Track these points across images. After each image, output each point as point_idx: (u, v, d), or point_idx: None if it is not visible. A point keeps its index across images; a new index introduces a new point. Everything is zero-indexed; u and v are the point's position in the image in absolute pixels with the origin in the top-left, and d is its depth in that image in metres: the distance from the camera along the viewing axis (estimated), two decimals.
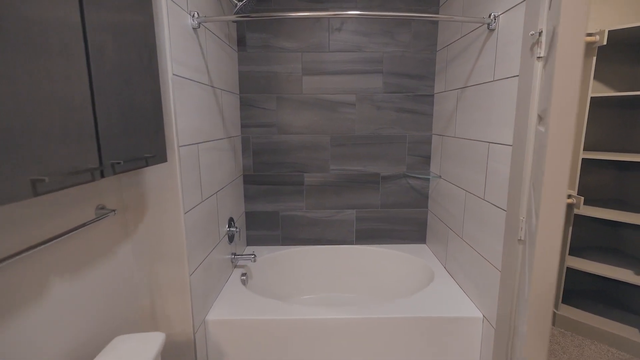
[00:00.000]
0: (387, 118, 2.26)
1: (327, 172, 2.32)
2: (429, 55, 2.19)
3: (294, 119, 2.26)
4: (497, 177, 1.39)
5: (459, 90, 1.79)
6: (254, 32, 2.18)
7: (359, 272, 2.34)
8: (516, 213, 1.22)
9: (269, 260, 2.25)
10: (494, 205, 1.41)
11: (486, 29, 1.48)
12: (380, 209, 2.37)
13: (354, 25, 2.17)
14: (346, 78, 2.22)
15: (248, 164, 2.32)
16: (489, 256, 1.47)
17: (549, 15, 0.98)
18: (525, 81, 1.17)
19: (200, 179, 1.54)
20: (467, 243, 1.69)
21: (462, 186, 1.75)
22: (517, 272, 1.22)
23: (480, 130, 1.55)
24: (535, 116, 1.12)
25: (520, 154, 1.18)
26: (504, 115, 1.33)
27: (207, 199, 1.63)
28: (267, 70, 2.22)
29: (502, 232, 1.34)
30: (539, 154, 0.57)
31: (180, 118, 1.34)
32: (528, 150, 1.14)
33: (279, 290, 2.26)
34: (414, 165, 2.32)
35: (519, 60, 1.23)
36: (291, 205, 2.37)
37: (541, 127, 0.95)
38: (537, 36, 1.09)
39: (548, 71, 0.58)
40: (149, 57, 1.10)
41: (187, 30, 1.41)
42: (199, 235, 1.52)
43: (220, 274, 1.81)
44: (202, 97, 1.57)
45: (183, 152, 1.35)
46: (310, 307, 1.63)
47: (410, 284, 2.15)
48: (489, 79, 1.46)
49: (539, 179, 0.60)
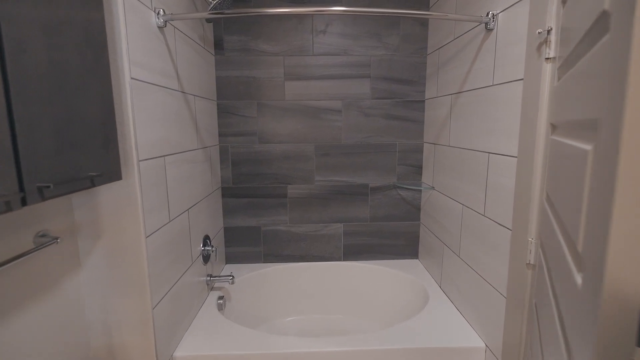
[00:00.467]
0: (375, 125, 2.12)
1: (312, 183, 2.17)
2: (419, 58, 2.06)
3: (276, 127, 2.10)
4: (499, 192, 1.25)
5: (453, 95, 1.66)
6: (232, 34, 2.02)
7: (347, 291, 2.18)
8: (523, 233, 1.08)
9: (249, 281, 2.07)
10: (497, 222, 1.27)
11: (483, 29, 1.35)
12: (369, 223, 2.21)
13: (339, 27, 2.03)
14: (331, 83, 2.08)
15: (226, 176, 2.14)
16: (492, 280, 1.32)
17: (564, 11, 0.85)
18: (531, 85, 1.03)
19: (168, 195, 1.37)
20: (465, 262, 1.55)
21: (459, 199, 1.60)
22: (527, 300, 1.07)
23: (478, 139, 1.41)
24: (545, 124, 0.98)
25: (528, 167, 1.04)
26: (507, 123, 1.19)
27: (177, 218, 1.45)
28: (247, 75, 2.06)
29: (507, 253, 1.19)
30: (601, 163, 0.44)
31: (141, 128, 1.17)
32: (537, 162, 1.01)
33: (260, 312, 2.08)
34: (404, 175, 2.17)
35: (523, 62, 1.09)
36: (274, 219, 2.20)
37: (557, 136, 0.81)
38: (546, 35, 0.96)
39: (615, 58, 0.44)
40: (97, 58, 0.93)
41: (150, 29, 1.25)
42: (166, 260, 1.34)
43: (192, 299, 1.63)
44: (170, 104, 1.40)
45: (145, 167, 1.18)
46: (293, 339, 1.46)
47: (403, 305, 1.99)
48: (488, 84, 1.32)
49: (602, 199, 0.46)
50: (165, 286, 1.34)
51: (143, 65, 1.18)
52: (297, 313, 2.16)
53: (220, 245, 2.11)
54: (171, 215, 1.40)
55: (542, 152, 1.00)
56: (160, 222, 1.30)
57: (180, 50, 1.52)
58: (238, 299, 1.99)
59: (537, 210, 1.02)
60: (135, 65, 1.13)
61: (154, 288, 1.24)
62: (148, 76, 1.22)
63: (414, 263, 2.19)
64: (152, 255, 1.23)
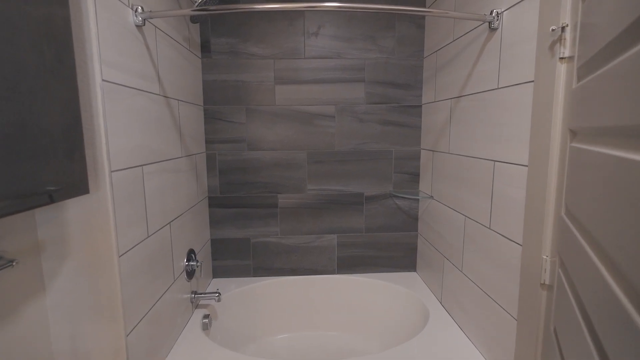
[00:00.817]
0: (370, 131, 2.03)
1: (304, 192, 2.06)
2: (416, 62, 1.97)
3: (266, 134, 2.00)
4: (507, 203, 1.15)
5: (453, 100, 1.57)
6: (219, 36, 1.91)
7: (342, 306, 2.07)
8: (536, 250, 0.98)
9: (237, 296, 1.95)
10: (505, 237, 1.17)
11: (486, 29, 1.26)
12: (364, 233, 2.11)
13: (332, 29, 1.94)
14: (324, 87, 1.98)
15: (214, 185, 2.03)
16: (500, 299, 1.22)
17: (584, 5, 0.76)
18: (543, 88, 0.94)
19: (146, 209, 1.25)
20: (469, 278, 1.45)
21: (461, 210, 1.51)
22: (542, 324, 0.97)
23: (482, 146, 1.31)
24: (560, 130, 0.89)
25: (541, 177, 0.95)
26: (515, 129, 1.10)
27: (157, 232, 1.33)
28: (235, 79, 1.95)
29: (517, 271, 1.10)
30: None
31: (115, 135, 1.05)
32: (551, 172, 0.91)
33: (249, 330, 1.96)
34: (401, 183, 2.08)
35: (532, 63, 1.00)
36: (264, 230, 2.08)
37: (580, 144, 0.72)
38: (560, 32, 0.87)
39: None
40: (59, 58, 0.82)
41: (127, 28, 1.14)
42: (144, 280, 1.22)
43: (175, 319, 1.51)
44: (150, 108, 1.29)
45: (118, 178, 1.07)
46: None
47: (401, 323, 1.88)
48: (492, 87, 1.23)
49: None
50: (143, 309, 1.22)
51: (118, 66, 1.07)
52: (288, 330, 2.04)
53: (206, 259, 1.99)
54: (150, 229, 1.28)
55: (557, 160, 0.91)
56: (137, 238, 1.18)
57: (162, 52, 1.41)
58: (225, 317, 1.87)
59: (553, 224, 0.93)
60: (108, 66, 1.02)
61: (128, 312, 1.12)
62: (123, 78, 1.11)
63: (411, 276, 2.09)
64: (127, 275, 1.11)
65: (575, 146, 0.75)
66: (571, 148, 0.78)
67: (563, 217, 0.82)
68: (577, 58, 0.77)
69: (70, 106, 0.86)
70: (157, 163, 1.34)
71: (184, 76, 1.66)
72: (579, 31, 0.77)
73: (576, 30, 0.80)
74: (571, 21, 0.85)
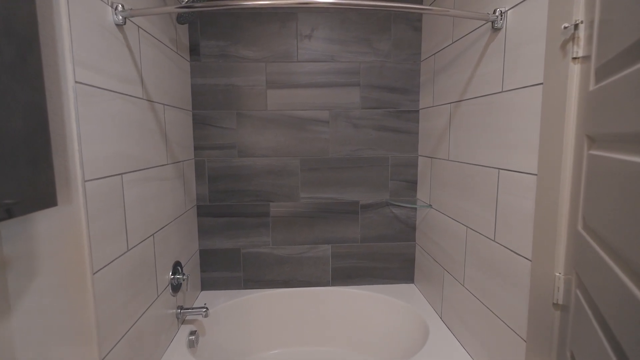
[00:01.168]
0: (365, 137, 1.95)
1: (297, 200, 1.98)
2: (412, 65, 1.91)
3: (258, 140, 1.92)
4: (514, 215, 1.08)
5: (452, 104, 1.50)
6: (209, 39, 1.84)
7: (337, 320, 1.98)
8: (548, 266, 0.91)
9: (226, 310, 1.86)
10: (512, 251, 1.09)
11: (489, 30, 1.20)
12: (359, 244, 2.03)
13: (325, 31, 1.87)
14: (318, 92, 1.91)
15: (203, 193, 1.94)
16: (507, 318, 1.13)
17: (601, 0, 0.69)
18: (554, 90, 0.87)
19: (126, 220, 1.16)
20: (471, 293, 1.37)
21: (462, 220, 1.43)
22: (555, 346, 0.90)
23: (485, 152, 1.24)
24: (574, 136, 0.82)
25: (553, 187, 0.88)
26: (522, 134, 1.03)
27: (138, 245, 1.24)
28: (226, 83, 1.88)
29: (526, 289, 1.02)
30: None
31: (90, 142, 0.97)
32: (564, 181, 0.84)
33: (239, 346, 1.86)
34: (398, 191, 2.00)
35: (541, 64, 0.94)
36: (255, 240, 1.99)
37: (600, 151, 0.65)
38: (573, 30, 0.81)
39: None
40: (22, 56, 0.74)
41: (105, 27, 1.06)
42: (123, 297, 1.13)
43: (158, 338, 1.41)
44: (131, 113, 1.21)
45: (93, 188, 0.98)
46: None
47: (399, 338, 1.79)
48: (496, 90, 1.16)
49: None
50: (121, 329, 1.12)
51: (94, 67, 0.99)
52: (280, 345, 1.95)
53: (194, 271, 1.90)
54: (130, 243, 1.19)
55: (570, 169, 0.83)
56: (115, 252, 1.09)
57: (146, 53, 1.33)
58: (214, 332, 1.77)
59: (567, 239, 0.85)
60: (82, 67, 0.94)
61: (104, 333, 1.02)
62: (100, 80, 1.02)
63: (409, 288, 2.01)
64: (103, 294, 1.02)
65: (594, 154, 0.68)
66: (589, 156, 0.71)
67: (580, 232, 0.74)
68: (595, 58, 0.70)
69: (35, 110, 0.77)
70: (139, 171, 1.26)
71: (171, 79, 1.58)
72: (596, 28, 0.70)
73: (592, 28, 0.73)
74: (586, 18, 0.79)
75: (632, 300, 0.50)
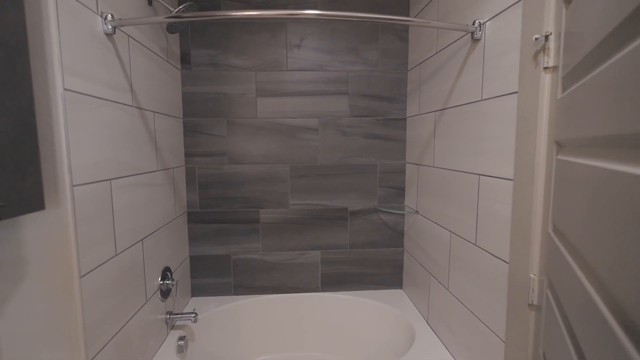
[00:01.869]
0: (354, 145, 1.99)
1: (287, 207, 2.00)
2: (400, 75, 1.95)
3: (248, 147, 1.94)
4: (493, 219, 1.11)
5: (437, 112, 1.54)
6: (199, 47, 1.87)
7: (326, 326, 1.99)
8: (524, 268, 0.94)
9: (216, 316, 1.86)
10: (491, 254, 1.13)
11: (469, 40, 1.24)
12: (349, 250, 2.05)
13: (314, 41, 1.91)
14: (307, 100, 1.94)
15: (193, 200, 1.96)
16: (487, 320, 1.16)
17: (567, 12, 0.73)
18: (528, 99, 0.91)
19: (114, 225, 1.18)
20: (455, 297, 1.39)
21: (446, 226, 1.46)
22: (531, 347, 0.92)
23: (466, 159, 1.28)
24: (546, 142, 0.85)
25: (527, 191, 0.91)
26: (500, 141, 1.07)
27: (127, 250, 1.26)
28: (216, 91, 1.91)
29: (504, 291, 1.05)
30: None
31: (79, 148, 0.99)
32: (537, 186, 0.88)
33: (229, 353, 1.86)
34: (386, 198, 2.03)
35: (516, 73, 0.98)
36: (245, 247, 2.01)
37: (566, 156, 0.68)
38: (543, 41, 0.85)
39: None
40: (12, 65, 0.76)
41: (95, 36, 1.08)
42: (111, 301, 1.14)
43: (146, 343, 1.42)
44: (120, 120, 1.23)
45: (82, 193, 1.00)
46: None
47: (387, 343, 1.81)
48: (476, 98, 1.21)
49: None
50: (109, 332, 1.13)
51: (83, 75, 1.02)
52: (270, 351, 1.95)
53: (185, 277, 1.90)
54: (119, 247, 1.20)
55: (543, 174, 0.87)
56: (103, 256, 1.10)
57: (136, 62, 1.36)
58: (203, 338, 1.77)
59: (540, 241, 0.88)
60: (71, 75, 0.96)
61: (91, 335, 1.03)
62: (90, 88, 1.05)
63: (398, 293, 2.03)
64: (91, 297, 1.03)
65: (561, 159, 0.72)
66: (557, 161, 0.75)
67: (550, 234, 0.77)
68: (561, 67, 0.74)
69: (23, 115, 0.79)
70: (128, 177, 1.28)
71: (161, 87, 1.61)
72: (562, 39, 0.74)
73: (560, 39, 0.77)
74: (555, 30, 0.83)
75: (591, 303, 0.53)
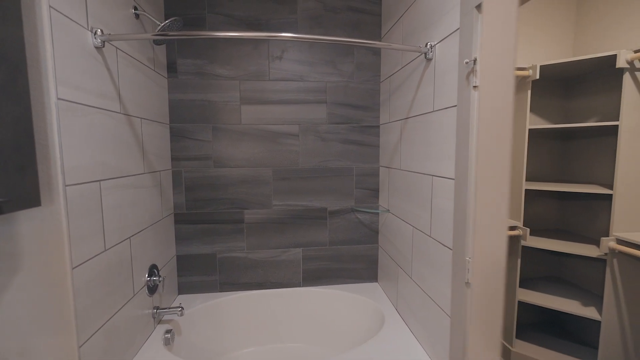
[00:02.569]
0: (332, 150, 2.12)
1: (270, 208, 2.12)
2: (373, 85, 2.10)
3: (232, 151, 2.06)
4: (442, 213, 1.26)
5: (402, 121, 1.69)
6: (186, 57, 2.00)
7: (306, 318, 2.10)
8: (462, 252, 1.07)
9: (202, 311, 1.97)
10: (440, 243, 1.27)
11: (424, 59, 1.39)
12: (328, 247, 2.17)
13: (295, 53, 2.04)
14: (288, 108, 2.07)
15: (180, 202, 2.07)
16: (438, 299, 1.32)
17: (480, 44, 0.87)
18: (463, 111, 1.05)
19: (104, 223, 1.29)
20: (416, 284, 1.53)
21: (410, 222, 1.60)
22: (466, 319, 1.05)
23: (422, 162, 1.43)
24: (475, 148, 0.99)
25: (463, 188, 1.05)
26: (445, 146, 1.22)
27: (115, 246, 1.37)
28: (202, 98, 2.03)
29: (449, 273, 1.19)
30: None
31: (70, 151, 1.10)
32: (470, 184, 1.01)
33: (215, 345, 1.97)
34: (362, 198, 2.16)
35: (456, 89, 1.12)
36: (230, 245, 2.12)
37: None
38: (472, 64, 0.98)
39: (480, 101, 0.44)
40: (12, 77, 0.88)
41: (85, 49, 1.20)
42: (100, 292, 1.25)
43: (134, 334, 1.52)
44: (109, 126, 1.34)
45: (73, 192, 1.11)
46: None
47: (360, 330, 1.94)
48: (429, 110, 1.35)
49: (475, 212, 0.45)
50: (98, 320, 1.24)
51: (74, 85, 1.13)
52: (255, 344, 2.06)
53: (172, 275, 2.01)
54: (107, 243, 1.31)
55: (474, 174, 1.00)
56: (93, 251, 1.22)
57: (124, 72, 1.48)
58: (190, 332, 1.88)
59: (473, 229, 1.02)
60: (64, 85, 1.08)
61: (82, 323, 1.14)
62: (80, 97, 1.16)
63: (373, 286, 2.15)
64: (82, 287, 1.14)
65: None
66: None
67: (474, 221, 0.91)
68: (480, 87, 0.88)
69: (22, 123, 0.91)
70: (116, 179, 1.39)
71: (148, 95, 1.73)
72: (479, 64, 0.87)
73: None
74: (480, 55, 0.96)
75: None
